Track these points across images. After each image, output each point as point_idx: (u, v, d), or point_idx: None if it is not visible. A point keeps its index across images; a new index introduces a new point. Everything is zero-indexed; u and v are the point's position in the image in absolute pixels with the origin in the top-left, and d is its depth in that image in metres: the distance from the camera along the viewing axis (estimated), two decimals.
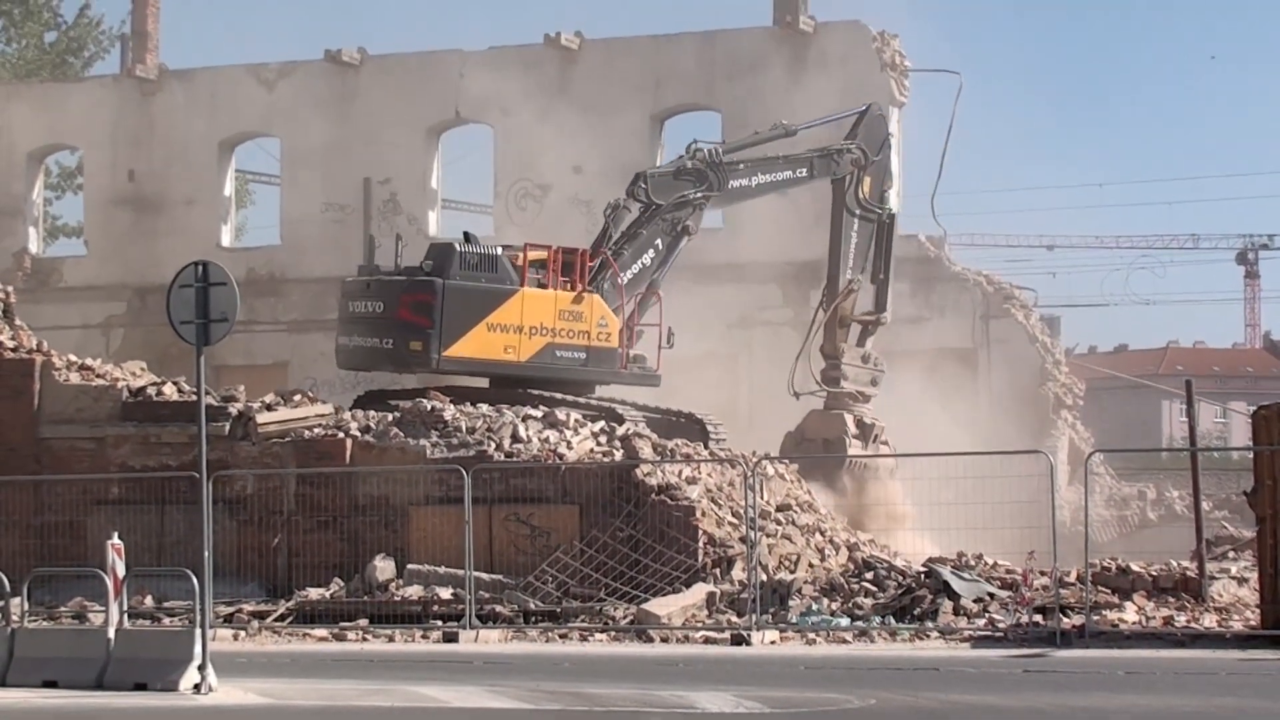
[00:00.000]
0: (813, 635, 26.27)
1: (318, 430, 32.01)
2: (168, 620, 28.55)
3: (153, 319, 43.43)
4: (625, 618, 27.57)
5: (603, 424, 32.47)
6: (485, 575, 28.67)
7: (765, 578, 27.83)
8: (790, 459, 33.37)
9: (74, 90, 53.06)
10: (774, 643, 26.00)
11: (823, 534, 30.78)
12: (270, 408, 32.53)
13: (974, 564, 28.34)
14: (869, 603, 27.47)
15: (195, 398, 23.14)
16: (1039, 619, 25.80)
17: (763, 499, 29.59)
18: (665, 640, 26.50)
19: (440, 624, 27.76)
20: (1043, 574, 26.88)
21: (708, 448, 33.20)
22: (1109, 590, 27.03)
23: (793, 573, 28.94)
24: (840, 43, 45.40)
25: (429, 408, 32.09)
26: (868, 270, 37.48)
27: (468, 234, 34.98)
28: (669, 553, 28.65)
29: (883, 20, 45.75)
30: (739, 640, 25.88)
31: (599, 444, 31.48)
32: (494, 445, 30.78)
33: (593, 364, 34.42)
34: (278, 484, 31.24)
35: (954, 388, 41.56)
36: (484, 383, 34.17)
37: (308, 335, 46.84)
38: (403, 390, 34.60)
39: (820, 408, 36.62)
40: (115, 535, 22.13)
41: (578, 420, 32.24)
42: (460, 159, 52.19)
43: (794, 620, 26.92)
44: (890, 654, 24.62)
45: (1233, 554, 32.64)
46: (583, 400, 34.01)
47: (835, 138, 37.45)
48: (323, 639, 27.72)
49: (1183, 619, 25.95)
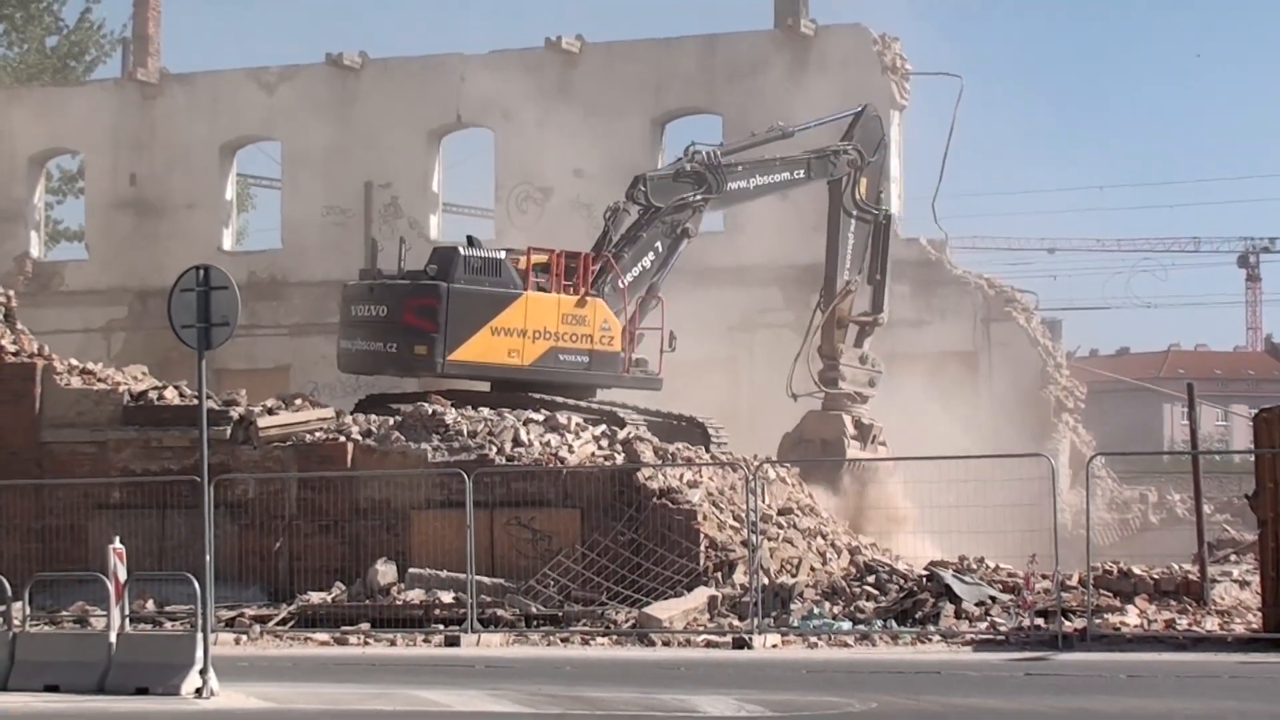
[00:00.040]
0: (814, 639, 26.25)
1: (319, 434, 32.01)
2: (169, 624, 28.54)
3: (154, 323, 43.50)
4: (627, 621, 27.55)
5: (604, 428, 32.44)
6: (487, 579, 28.65)
7: (767, 581, 27.80)
8: (791, 463, 33.37)
9: (75, 94, 53.09)
10: (776, 646, 25.98)
11: (824, 537, 30.78)
12: (271, 411, 32.53)
13: (976, 567, 28.32)
14: (871, 606, 27.45)
15: (196, 402, 23.16)
16: (1041, 622, 25.78)
17: (764, 502, 29.59)
18: (667, 644, 26.48)
19: (442, 628, 27.74)
20: (1044, 577, 26.86)
21: (709, 451, 33.19)
22: (1111, 593, 27.01)
23: (794, 576, 28.94)
24: (841, 46, 45.40)
25: (430, 411, 32.07)
26: (865, 271, 37.50)
27: (471, 238, 34.89)
28: (670, 556, 28.63)
29: (883, 23, 45.85)
30: (740, 644, 25.87)
31: (600, 448, 31.46)
32: (495, 449, 30.76)
33: (595, 368, 34.39)
34: (279, 488, 31.23)
35: (955, 391, 41.53)
36: (485, 386, 34.13)
37: (309, 339, 46.85)
38: (404, 394, 34.55)
39: (818, 409, 36.65)
40: (117, 539, 22.13)
41: (579, 424, 32.22)
42: (461, 162, 52.23)
43: (796, 624, 26.90)
44: (892, 657, 24.60)
45: (1234, 557, 32.65)
46: (584, 404, 33.97)
47: (832, 139, 37.44)
48: (324, 643, 27.69)
49: (1184, 622, 25.92)
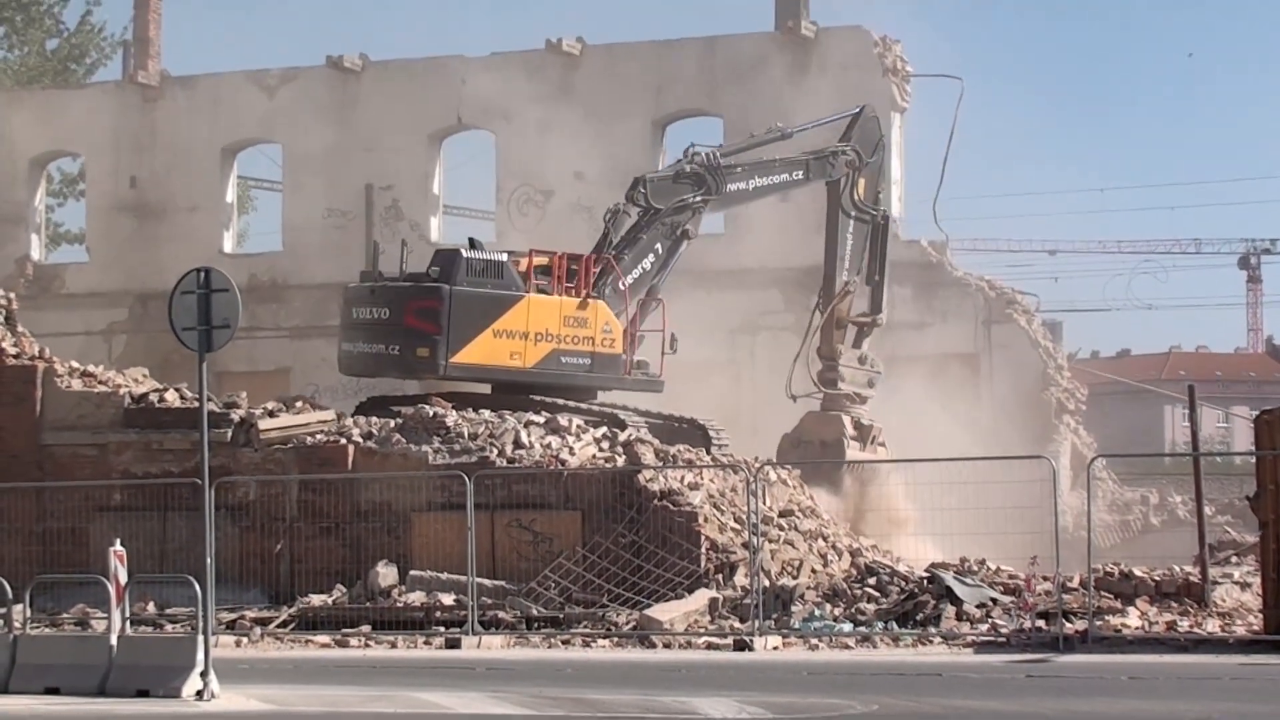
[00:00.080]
0: (815, 641, 26.25)
1: (320, 436, 32.01)
2: (170, 627, 28.55)
3: (155, 325, 43.47)
4: (628, 623, 27.53)
5: (605, 430, 32.44)
6: (488, 581, 28.64)
7: (768, 583, 27.79)
8: (792, 464, 33.37)
9: (76, 97, 53.11)
10: (777, 648, 25.97)
11: (825, 539, 30.77)
12: (272, 414, 32.53)
13: (977, 569, 28.31)
14: (872, 608, 27.44)
15: (197, 404, 23.15)
16: (1042, 624, 25.77)
17: (765, 504, 29.59)
18: (668, 646, 26.46)
19: (443, 630, 27.73)
20: (1045, 579, 26.85)
21: (710, 453, 33.19)
22: (1112, 595, 27.00)
23: (795, 578, 28.92)
24: (842, 48, 45.39)
25: (431, 414, 32.07)
26: (863, 272, 37.52)
27: (473, 240, 34.85)
28: (671, 558, 28.62)
29: (884, 25, 45.85)
30: (741, 646, 25.86)
31: (601, 450, 31.46)
32: (496, 451, 30.76)
33: (597, 370, 34.39)
34: (280, 490, 31.23)
35: (956, 393, 41.52)
36: (486, 388, 34.14)
37: (310, 341, 46.86)
38: (404, 396, 34.54)
39: (817, 409, 36.68)
40: (117, 542, 22.13)
41: (580, 426, 32.21)
42: (462, 165, 52.24)
43: (797, 626, 26.90)
44: (893, 659, 24.59)
45: (1235, 559, 32.62)
46: (585, 406, 33.97)
47: (831, 140, 37.47)
48: (325, 645, 27.69)
49: (1185, 624, 25.91)
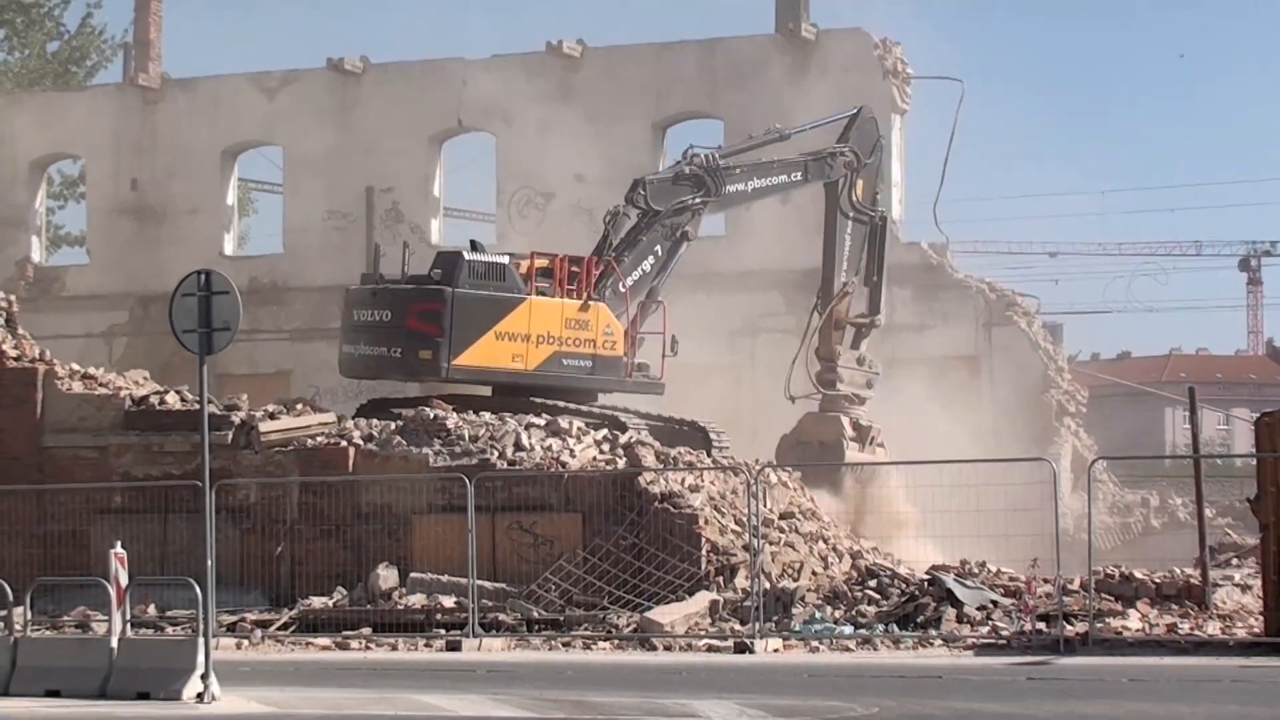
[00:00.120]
0: (816, 643, 26.25)
1: (320, 439, 32.00)
2: (171, 629, 28.54)
3: (155, 328, 43.47)
4: (628, 626, 27.54)
5: (605, 432, 32.44)
6: (488, 584, 28.63)
7: (768, 586, 27.79)
8: (793, 466, 33.36)
9: (76, 99, 53.09)
10: (777, 651, 25.98)
11: (826, 541, 30.76)
12: (273, 416, 32.54)
13: (977, 571, 28.32)
14: (872, 610, 27.45)
15: (198, 406, 23.18)
16: (1042, 626, 25.78)
17: (766, 507, 29.59)
18: (668, 648, 26.46)
19: (443, 633, 27.73)
20: (1046, 581, 26.85)
21: (710, 455, 33.19)
22: (1112, 598, 27.00)
23: (796, 580, 28.92)
24: (842, 50, 45.39)
25: (432, 416, 32.08)
26: (861, 273, 37.55)
27: (475, 242, 34.81)
28: (672, 561, 28.62)
29: (885, 28, 45.84)
30: (742, 648, 25.85)
31: (602, 452, 31.46)
32: (497, 453, 30.76)
33: (599, 372, 34.40)
34: (280, 493, 31.23)
35: (957, 395, 41.51)
36: (487, 391, 34.13)
37: (310, 344, 46.85)
38: (405, 399, 34.53)
39: (815, 410, 36.70)
40: (118, 544, 22.13)
41: (580, 428, 32.22)
42: (462, 167, 52.25)
43: (797, 628, 26.90)
44: (894, 662, 24.59)
45: (1236, 561, 32.61)
46: (585, 408, 33.98)
47: (829, 142, 37.49)
48: (326, 648, 27.69)
49: (1186, 626, 25.92)
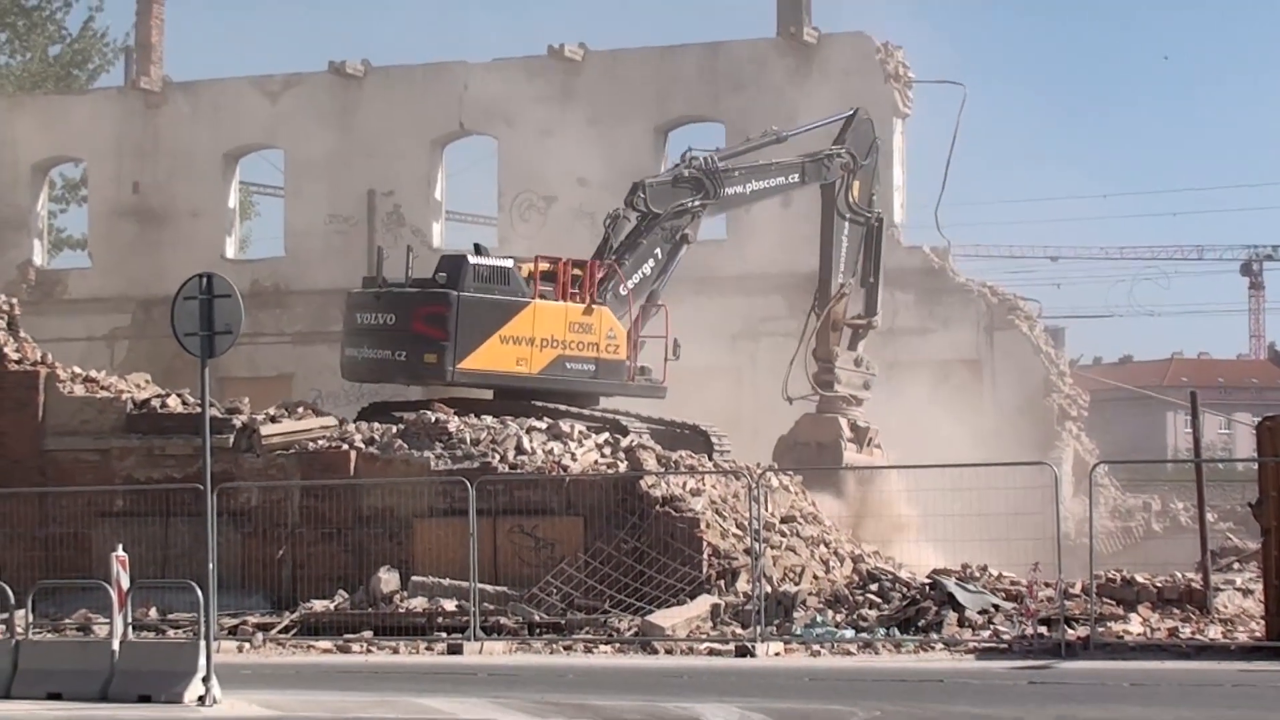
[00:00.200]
0: (817, 647, 26.22)
1: (322, 442, 32.01)
2: (172, 632, 28.53)
3: (157, 331, 43.49)
4: (630, 629, 27.53)
5: (607, 436, 32.46)
6: (490, 587, 28.62)
7: (770, 589, 27.79)
8: (795, 470, 33.36)
9: (78, 102, 53.11)
10: (779, 654, 25.95)
11: (827, 545, 30.75)
12: (274, 420, 32.54)
13: (979, 575, 28.30)
14: (874, 614, 27.42)
15: (200, 410, 23.16)
16: (1044, 630, 25.76)
17: (767, 510, 29.60)
18: (670, 652, 26.45)
19: (445, 636, 27.71)
20: (1047, 585, 26.83)
21: (712, 459, 33.20)
22: (1114, 602, 26.98)
23: (797, 584, 28.92)
24: (844, 54, 45.41)
25: (433, 420, 32.08)
26: (858, 274, 37.60)
27: (479, 245, 34.78)
28: (673, 564, 28.62)
29: (886, 31, 45.85)
30: (743, 652, 25.83)
31: (603, 456, 31.47)
32: (498, 457, 30.77)
33: (602, 376, 34.41)
34: (282, 496, 31.24)
35: (959, 399, 41.52)
36: (488, 394, 34.13)
37: (312, 347, 46.86)
38: (406, 402, 34.53)
39: (812, 411, 36.73)
40: (120, 547, 22.14)
41: (582, 432, 32.23)
42: (464, 170, 52.23)
43: (798, 632, 26.88)
44: (895, 666, 24.58)
45: (1237, 565, 32.59)
46: (587, 412, 33.99)
47: (827, 144, 37.53)
48: (327, 651, 27.68)
49: (1187, 631, 25.90)
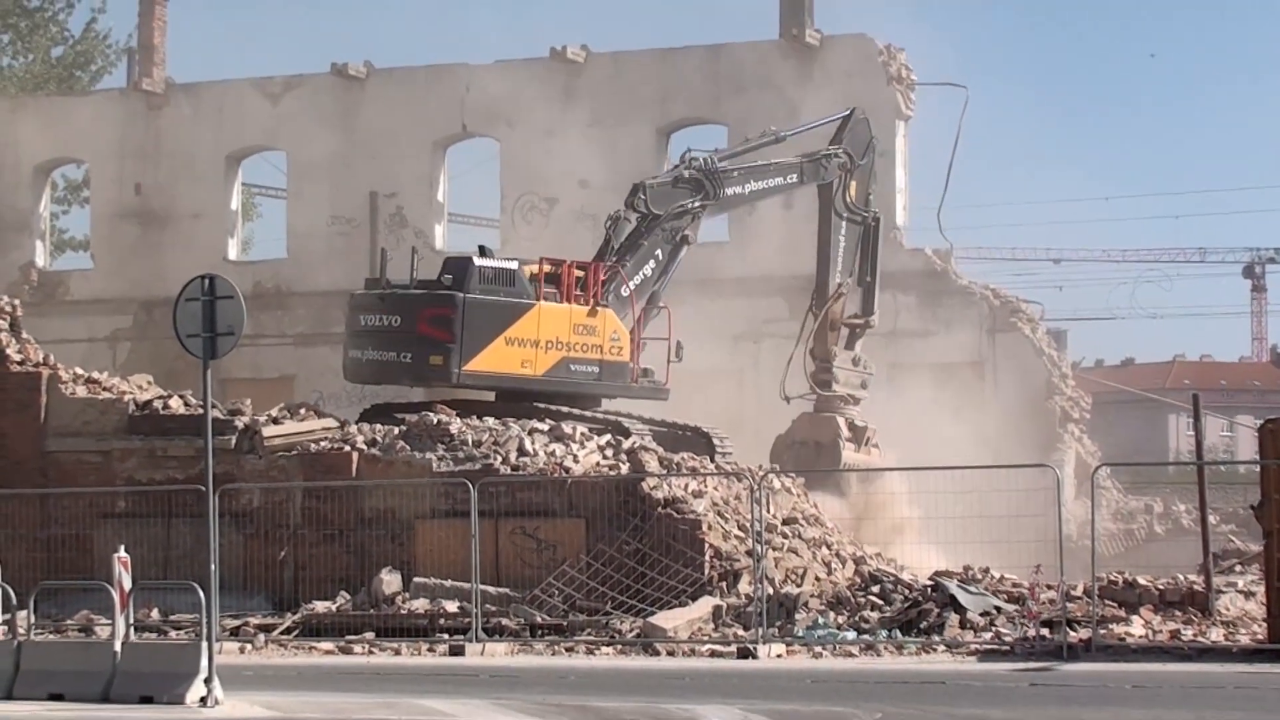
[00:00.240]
0: (819, 649, 26.22)
1: (324, 444, 32.02)
2: (174, 633, 28.53)
3: (159, 332, 43.51)
4: (631, 631, 27.53)
5: (609, 437, 32.47)
6: (491, 588, 28.64)
7: (771, 591, 27.79)
8: (796, 472, 33.37)
9: (80, 104, 53.11)
10: (780, 656, 25.95)
11: (829, 547, 30.76)
12: (276, 421, 32.55)
13: (980, 577, 28.31)
14: (875, 616, 27.42)
15: (202, 411, 23.19)
16: (1046, 633, 25.75)
17: (769, 512, 29.59)
18: (671, 654, 26.46)
19: (446, 637, 27.71)
20: (1049, 587, 26.83)
21: (714, 461, 33.20)
22: (1115, 604, 26.98)
23: (799, 586, 28.92)
24: (846, 56, 45.41)
25: (435, 421, 32.09)
26: (855, 274, 37.64)
27: (483, 247, 34.77)
28: (675, 566, 28.62)
29: (889, 34, 45.86)
30: (745, 654, 25.83)
31: (605, 457, 31.48)
32: (500, 459, 30.77)
33: (605, 378, 34.44)
34: (284, 497, 31.24)
35: (961, 401, 41.52)
36: (490, 396, 34.14)
37: (314, 349, 46.89)
38: (409, 404, 34.54)
39: (810, 410, 36.76)
40: (121, 548, 22.12)
41: (584, 434, 32.24)
42: (466, 172, 52.26)
43: (800, 634, 26.88)
44: (897, 667, 24.57)
45: (1239, 568, 32.60)
46: (589, 414, 34.00)
47: (825, 144, 37.57)
48: (329, 652, 27.68)
49: (1189, 633, 25.89)
